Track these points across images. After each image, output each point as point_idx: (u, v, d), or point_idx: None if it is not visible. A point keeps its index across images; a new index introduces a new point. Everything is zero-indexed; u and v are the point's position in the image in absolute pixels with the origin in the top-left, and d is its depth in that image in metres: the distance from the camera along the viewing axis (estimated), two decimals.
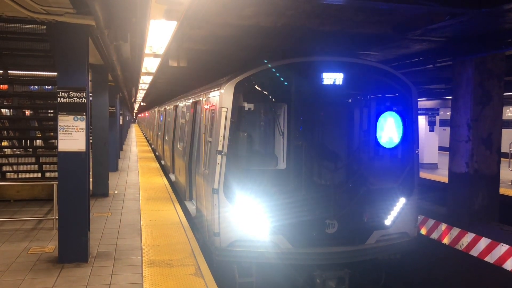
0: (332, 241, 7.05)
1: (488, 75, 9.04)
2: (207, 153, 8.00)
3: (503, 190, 12.60)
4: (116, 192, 13.37)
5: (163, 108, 22.04)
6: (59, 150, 6.79)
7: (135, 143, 36.75)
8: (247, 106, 7.11)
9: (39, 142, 13.77)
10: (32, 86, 13.43)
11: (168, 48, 7.79)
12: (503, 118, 9.74)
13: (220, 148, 6.93)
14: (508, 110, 24.35)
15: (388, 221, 7.48)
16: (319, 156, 7.26)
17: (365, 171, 7.44)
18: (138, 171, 18.44)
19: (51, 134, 12.84)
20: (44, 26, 8.63)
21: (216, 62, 11.90)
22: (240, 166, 7.09)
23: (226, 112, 6.95)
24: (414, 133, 7.84)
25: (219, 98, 7.23)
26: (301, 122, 7.22)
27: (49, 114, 14.63)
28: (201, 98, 9.42)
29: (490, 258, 8.20)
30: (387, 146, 7.71)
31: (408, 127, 7.78)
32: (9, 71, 10.41)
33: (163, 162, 19.54)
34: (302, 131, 7.22)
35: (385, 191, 7.57)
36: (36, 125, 12.99)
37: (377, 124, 7.61)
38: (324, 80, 7.17)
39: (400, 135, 7.76)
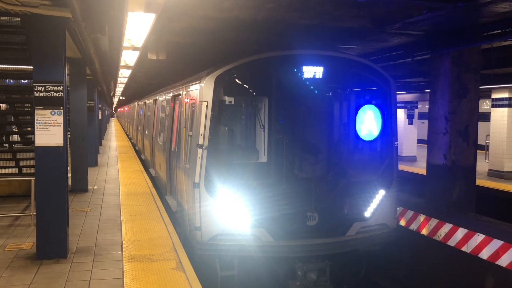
0: (313, 233, 7.09)
1: (465, 69, 9.20)
2: (187, 147, 7.96)
3: (479, 182, 12.88)
4: (95, 187, 13.22)
5: (142, 102, 21.73)
6: (36, 145, 6.68)
7: (115, 138, 36.35)
8: (227, 99, 7.07)
9: (15, 137, 13.49)
10: (7, 80, 13.13)
11: (147, 41, 7.69)
12: (480, 111, 9.91)
13: (200, 142, 6.90)
14: (484, 103, 24.80)
15: (367, 213, 7.57)
16: (300, 150, 7.28)
17: (345, 164, 7.49)
18: (117, 166, 18.25)
19: (28, 129, 12.58)
20: (19, 18, 8.43)
21: (196, 55, 11.84)
22: (221, 160, 7.06)
23: (207, 105, 6.91)
24: (393, 126, 7.91)
25: (199, 92, 7.18)
26: (281, 115, 7.23)
27: (26, 109, 14.32)
28: (181, 92, 9.36)
29: (467, 248, 8.38)
30: (366, 139, 7.77)
31: (387, 120, 7.85)
32: None
33: (143, 157, 19.36)
34: (282, 124, 7.22)
35: (364, 183, 7.63)
36: (12, 119, 12.72)
37: (357, 117, 7.65)
38: (304, 73, 7.19)
39: (379, 128, 7.83)
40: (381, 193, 7.69)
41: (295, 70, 7.19)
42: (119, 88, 25.84)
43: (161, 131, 12.62)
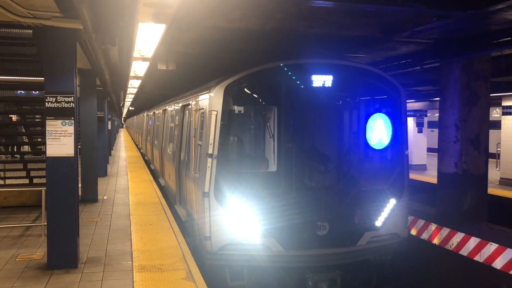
0: (323, 243, 7.05)
1: (475, 76, 9.15)
2: (197, 156, 7.93)
3: (491, 190, 12.73)
4: (105, 197, 13.26)
5: (152, 113, 21.81)
6: (47, 155, 6.72)
7: (124, 148, 36.53)
8: (237, 109, 7.08)
9: (26, 148, 13.63)
10: (19, 91, 13.29)
11: (157, 51, 7.74)
12: (490, 119, 9.84)
13: (210, 152, 6.90)
14: (494, 111, 24.63)
15: (379, 222, 7.50)
16: (310, 158, 7.26)
17: (355, 173, 7.44)
18: (127, 176, 18.32)
19: (39, 139, 12.70)
20: (31, 31, 8.55)
21: (205, 65, 11.89)
22: (230, 169, 7.03)
23: (216, 115, 6.92)
24: (403, 135, 7.88)
25: (209, 101, 7.18)
26: (291, 124, 7.22)
27: (37, 120, 14.47)
28: (190, 102, 9.34)
29: (480, 257, 8.27)
30: (376, 147, 7.73)
31: (397, 129, 7.83)
32: None
33: (152, 167, 19.36)
34: (292, 133, 7.21)
35: (375, 192, 7.58)
36: (23, 130, 12.85)
37: (367, 126, 7.63)
38: (313, 82, 7.19)
39: (390, 136, 7.80)
40: (392, 202, 7.62)
41: (305, 79, 7.19)
42: (129, 99, 25.99)
43: (170, 141, 12.65)
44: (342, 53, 10.14)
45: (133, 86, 15.49)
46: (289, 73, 7.24)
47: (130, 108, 41.68)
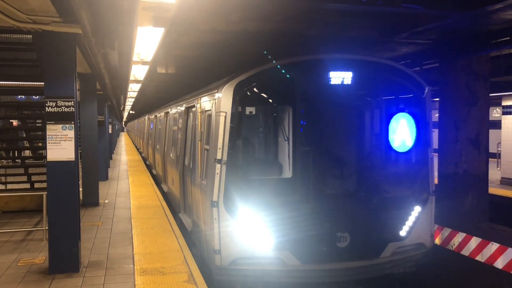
0: (343, 255, 6.44)
1: (474, 77, 9.16)
2: (203, 162, 7.34)
3: (492, 190, 12.73)
4: (106, 201, 13.27)
5: (153, 116, 21.35)
6: (48, 160, 6.73)
7: (125, 152, 36.54)
8: (248, 109, 6.66)
9: (27, 153, 13.65)
10: (19, 96, 13.32)
11: (156, 55, 7.79)
12: (490, 118, 9.84)
13: (219, 157, 6.29)
14: (495, 110, 24.62)
15: (403, 232, 6.91)
16: (328, 163, 6.69)
17: (377, 178, 6.86)
18: (128, 179, 18.32)
19: (39, 144, 12.72)
20: (30, 36, 8.58)
21: (205, 68, 11.92)
22: (241, 176, 6.51)
23: (225, 116, 6.33)
24: (428, 136, 7.26)
25: (217, 102, 6.59)
26: (307, 126, 6.64)
27: (37, 124, 14.49)
28: (195, 103, 8.73)
29: (481, 257, 8.27)
30: (400, 150, 7.13)
31: (422, 129, 7.22)
32: None
33: (154, 172, 18.87)
34: (308, 136, 6.64)
35: (399, 199, 7.00)
36: (24, 135, 12.86)
37: (389, 126, 7.03)
38: (331, 79, 6.57)
39: (414, 138, 7.19)
40: (417, 209, 7.03)
41: (322, 76, 6.58)
42: (129, 103, 26.08)
43: (173, 145, 12.12)
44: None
45: (133, 89, 15.56)
46: (305, 70, 6.65)
47: (131, 111, 41.77)
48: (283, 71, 6.53)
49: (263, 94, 6.69)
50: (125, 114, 47.53)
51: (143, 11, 4.61)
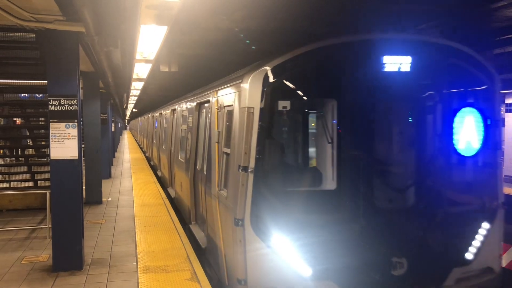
0: (400, 285, 5.35)
1: None
2: (222, 168, 6.21)
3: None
4: (109, 199, 13.30)
5: (158, 114, 19.93)
6: (51, 158, 6.76)
7: (128, 150, 36.61)
8: (281, 104, 5.30)
9: (30, 151, 13.67)
10: (22, 95, 13.35)
11: (159, 53, 7.79)
12: None
13: (244, 163, 5.05)
14: None
15: (469, 254, 5.75)
16: (382, 171, 5.52)
17: (440, 189, 5.64)
18: (131, 177, 18.36)
19: (43, 142, 12.75)
20: (34, 34, 8.59)
21: (208, 66, 11.92)
22: (273, 187, 5.25)
23: (253, 113, 5.08)
24: (497, 136, 6.07)
25: (242, 95, 5.33)
26: (357, 124, 5.40)
27: (41, 123, 14.53)
28: (210, 98, 7.41)
29: None
30: (465, 153, 5.86)
31: (491, 128, 6.00)
32: None
33: (159, 173, 17.70)
34: (358, 136, 5.41)
35: (464, 213, 5.83)
36: (28, 133, 12.90)
37: (453, 124, 5.76)
38: (385, 65, 5.32)
39: (481, 138, 5.95)
40: (485, 225, 5.84)
41: (374, 61, 5.34)
42: (132, 101, 26.12)
43: (182, 146, 10.91)
44: None
45: (136, 88, 15.59)
46: (353, 54, 5.39)
47: (134, 110, 41.85)
48: (326, 56, 5.31)
49: (300, 84, 5.32)
50: (128, 112, 47.62)
51: (146, 9, 4.62)
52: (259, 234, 5.06)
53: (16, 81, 10.87)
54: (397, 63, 5.35)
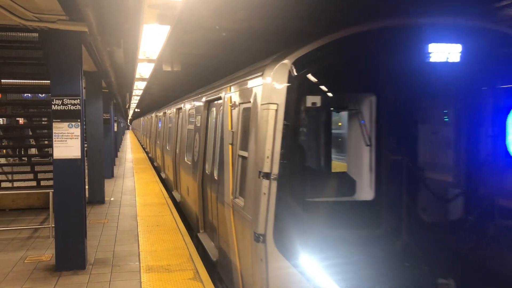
0: None
1: None
2: (237, 173, 5.52)
3: None
4: (112, 198, 13.32)
5: (161, 113, 19.12)
6: (54, 158, 6.77)
7: (130, 150, 36.67)
8: (310, 100, 4.44)
9: (33, 151, 13.70)
10: (25, 95, 13.38)
11: (162, 53, 7.79)
12: None
13: (267, 169, 4.33)
14: None
15: None
16: (427, 179, 4.81)
17: (493, 199, 4.91)
18: (133, 177, 18.38)
19: (46, 142, 12.78)
20: (37, 34, 8.61)
21: (211, 66, 11.91)
22: (299, 198, 4.50)
23: (276, 110, 4.35)
24: None
25: (263, 90, 4.70)
26: (399, 124, 4.70)
27: (43, 122, 14.56)
28: (222, 94, 6.76)
29: None
30: None
31: None
32: (2, 80, 10.36)
33: (163, 175, 16.99)
34: (400, 138, 4.69)
35: None
36: (30, 133, 12.92)
37: (507, 124, 4.99)
38: (431, 55, 4.57)
39: None
40: None
41: (417, 50, 4.58)
42: (134, 100, 26.15)
43: (188, 147, 10.25)
44: None
45: (138, 88, 15.60)
46: (392, 42, 4.60)
47: (136, 109, 41.90)
48: (361, 44, 4.60)
49: (331, 77, 4.63)
50: (130, 112, 47.68)
51: (149, 9, 4.62)
52: (284, 252, 4.34)
53: (19, 80, 10.89)
54: (444, 52, 4.60)
